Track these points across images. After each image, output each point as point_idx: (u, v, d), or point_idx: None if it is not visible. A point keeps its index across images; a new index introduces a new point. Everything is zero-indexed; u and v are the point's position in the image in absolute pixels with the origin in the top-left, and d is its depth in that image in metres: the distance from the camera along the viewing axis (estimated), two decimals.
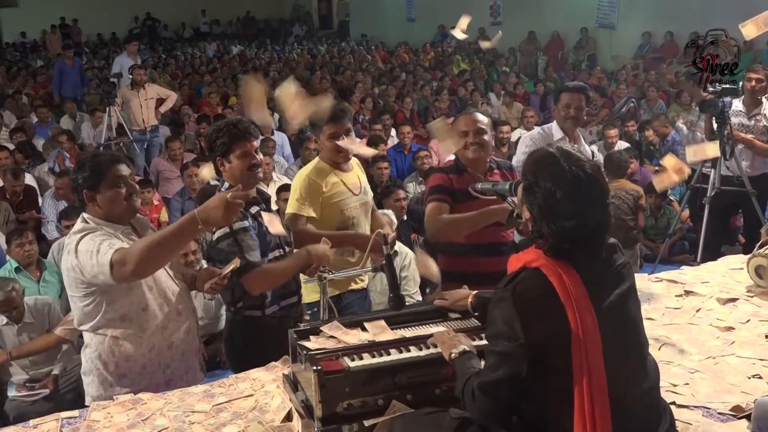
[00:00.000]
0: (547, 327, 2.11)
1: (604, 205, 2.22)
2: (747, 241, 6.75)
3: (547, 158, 2.23)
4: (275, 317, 3.56)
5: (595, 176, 2.19)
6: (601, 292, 2.18)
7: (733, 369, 3.06)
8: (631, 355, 2.25)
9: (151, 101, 10.46)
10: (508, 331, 2.13)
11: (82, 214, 3.21)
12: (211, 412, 2.86)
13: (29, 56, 22.41)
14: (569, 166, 2.17)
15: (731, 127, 5.96)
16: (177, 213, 7.74)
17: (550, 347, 2.12)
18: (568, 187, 2.15)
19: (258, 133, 3.57)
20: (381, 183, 7.76)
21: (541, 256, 2.19)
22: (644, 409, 2.24)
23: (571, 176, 2.16)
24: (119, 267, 2.89)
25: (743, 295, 3.82)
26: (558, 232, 2.17)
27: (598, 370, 2.10)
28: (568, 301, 2.10)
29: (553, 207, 2.17)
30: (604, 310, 2.16)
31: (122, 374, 3.20)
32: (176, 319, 3.31)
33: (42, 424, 2.85)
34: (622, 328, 2.24)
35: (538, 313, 2.12)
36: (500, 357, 2.16)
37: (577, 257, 2.18)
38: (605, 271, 2.24)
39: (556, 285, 2.12)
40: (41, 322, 5.06)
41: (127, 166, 3.27)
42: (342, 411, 2.49)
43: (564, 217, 2.15)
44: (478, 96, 13.18)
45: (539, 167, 2.23)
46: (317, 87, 14.89)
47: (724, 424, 2.68)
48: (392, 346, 2.66)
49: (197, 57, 21.32)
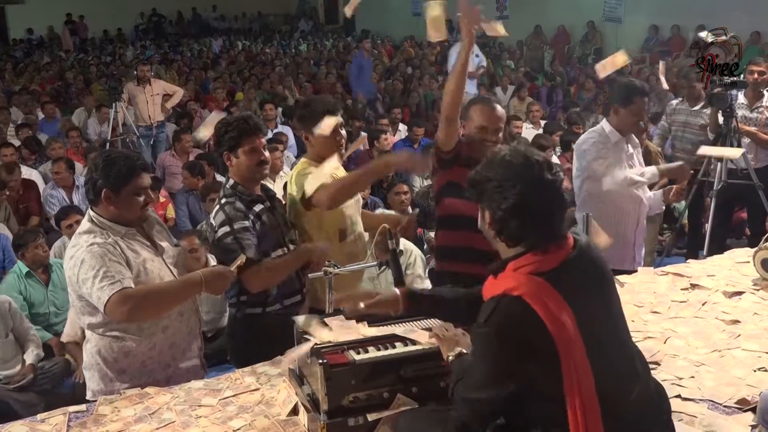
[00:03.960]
0: (536, 360, 2.07)
1: (546, 179, 2.17)
2: (752, 234, 6.74)
3: (485, 160, 2.27)
4: (278, 315, 3.54)
5: (520, 155, 2.19)
6: (583, 304, 2.13)
7: (739, 362, 3.06)
8: (619, 361, 2.21)
9: (157, 97, 10.47)
10: (494, 367, 2.11)
11: (89, 212, 3.19)
12: (218, 406, 2.88)
13: (36, 53, 22.46)
14: (504, 150, 2.23)
15: (737, 120, 5.95)
16: (183, 207, 7.75)
17: (539, 377, 2.08)
18: (504, 161, 2.18)
19: (267, 129, 3.55)
20: (386, 178, 7.75)
21: (520, 281, 2.11)
22: (638, 410, 2.20)
23: (508, 153, 2.21)
24: (116, 307, 2.93)
25: (749, 288, 3.82)
26: (507, 204, 2.13)
27: (588, 390, 2.06)
28: (556, 331, 2.04)
29: (498, 180, 2.16)
30: (588, 322, 2.11)
31: (122, 370, 3.20)
32: (178, 319, 3.30)
33: (50, 418, 2.86)
34: (608, 332, 2.21)
35: (526, 350, 2.07)
36: (485, 379, 2.13)
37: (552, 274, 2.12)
38: (586, 280, 2.19)
39: (542, 315, 2.05)
40: (4, 318, 5.05)
41: (148, 174, 3.28)
42: (348, 404, 2.50)
43: (509, 185, 2.13)
44: (484, 90, 13.15)
45: (478, 168, 2.26)
46: (323, 82, 14.92)
47: (730, 416, 2.68)
48: (397, 340, 2.66)
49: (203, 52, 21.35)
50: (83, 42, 24.89)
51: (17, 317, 5.14)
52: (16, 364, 5.07)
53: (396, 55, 19.78)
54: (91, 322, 3.17)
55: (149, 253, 3.23)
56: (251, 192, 3.57)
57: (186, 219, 7.66)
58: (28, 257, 5.69)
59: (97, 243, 3.04)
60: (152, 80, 10.66)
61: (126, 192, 3.13)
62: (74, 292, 3.13)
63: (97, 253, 3.01)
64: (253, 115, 3.59)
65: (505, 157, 2.19)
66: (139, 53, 21.02)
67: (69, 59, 20.54)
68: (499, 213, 2.16)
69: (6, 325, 5.05)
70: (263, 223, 3.52)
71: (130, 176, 3.13)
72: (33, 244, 5.69)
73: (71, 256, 3.09)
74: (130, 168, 3.15)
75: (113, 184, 3.11)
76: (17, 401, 4.79)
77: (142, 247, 3.21)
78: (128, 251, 3.12)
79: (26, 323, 5.23)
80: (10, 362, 5.06)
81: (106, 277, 2.96)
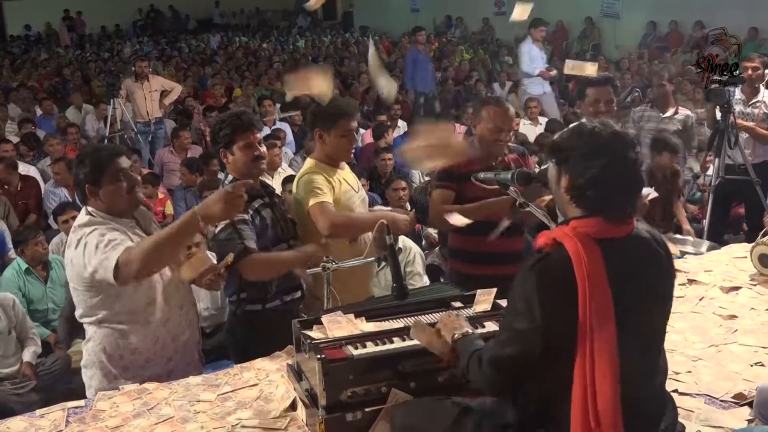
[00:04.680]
0: (566, 312, 2.09)
1: (631, 156, 2.20)
2: (749, 229, 6.76)
3: (570, 127, 2.33)
4: (277, 311, 3.55)
5: (609, 128, 2.22)
6: (629, 281, 2.15)
7: (736, 357, 3.07)
8: (649, 353, 2.25)
9: (156, 93, 10.45)
10: (527, 312, 2.12)
11: (86, 207, 3.19)
12: (216, 401, 2.88)
13: (33, 49, 22.43)
14: (591, 121, 2.25)
15: (735, 116, 5.96)
16: (181, 204, 7.74)
17: (562, 333, 2.11)
18: (593, 131, 2.19)
19: (261, 125, 3.55)
20: (385, 174, 7.76)
21: (567, 232, 2.16)
22: (652, 403, 2.24)
23: (596, 124, 2.22)
24: (125, 267, 2.87)
25: (746, 283, 3.82)
26: (590, 175, 2.15)
27: (606, 361, 2.07)
28: (582, 282, 2.08)
29: (584, 147, 2.18)
30: (630, 303, 2.13)
31: (126, 367, 3.21)
32: (179, 312, 3.33)
33: (49, 414, 2.87)
34: (647, 324, 2.23)
35: (560, 297, 2.10)
36: (515, 334, 2.15)
37: (607, 243, 2.14)
38: (638, 265, 2.20)
39: (575, 264, 2.09)
40: (8, 315, 5.07)
41: (127, 158, 3.26)
42: (346, 399, 2.51)
43: (594, 155, 2.15)
44: (482, 86, 13.16)
45: (563, 132, 2.30)
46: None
47: (726, 411, 2.69)
48: (395, 335, 2.67)
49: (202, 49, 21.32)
50: (81, 38, 24.85)
51: (20, 315, 5.16)
52: (16, 362, 5.07)
53: (394, 51, 19.75)
54: (97, 318, 3.16)
55: None
56: (250, 187, 3.57)
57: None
58: (28, 254, 5.69)
59: (97, 226, 3.06)
60: (150, 76, 10.62)
61: (106, 181, 3.12)
62: (80, 279, 3.08)
63: (96, 233, 3.01)
64: (247, 110, 3.59)
65: (595, 129, 2.21)
66: (137, 49, 20.99)
67: (67, 56, 20.52)
68: (580, 181, 2.17)
69: (9, 322, 5.07)
70: (262, 218, 3.52)
71: (106, 164, 3.12)
72: (33, 241, 5.69)
73: (74, 246, 3.08)
74: (104, 157, 3.15)
75: (92, 176, 3.12)
76: (18, 403, 4.76)
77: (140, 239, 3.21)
78: (129, 235, 3.11)
79: (28, 321, 5.24)
80: (9, 359, 5.06)
81: (108, 245, 2.94)
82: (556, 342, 2.11)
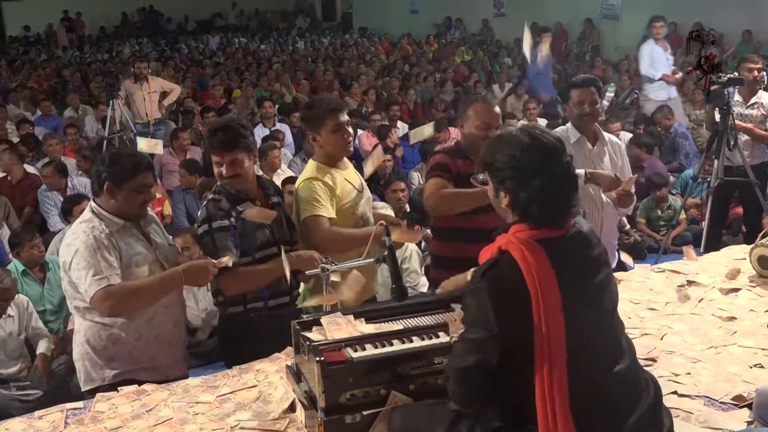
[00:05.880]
0: (520, 317, 2.12)
1: (565, 163, 2.25)
2: (748, 230, 6.76)
3: (496, 139, 2.38)
4: (261, 314, 3.55)
5: (545, 136, 2.26)
6: (573, 279, 2.19)
7: (735, 358, 3.07)
8: (603, 340, 2.26)
9: (155, 94, 10.45)
10: (482, 321, 2.15)
11: (91, 203, 3.37)
12: (215, 402, 2.88)
13: (32, 49, 22.41)
14: (519, 133, 2.29)
15: (734, 117, 5.96)
16: (180, 205, 7.74)
17: (520, 338, 2.13)
18: (524, 146, 2.23)
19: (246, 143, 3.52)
20: (384, 175, 7.76)
21: (511, 239, 2.20)
22: (621, 389, 2.24)
23: (524, 137, 2.25)
24: (100, 302, 3.15)
25: (746, 285, 3.82)
26: (531, 192, 2.20)
27: (559, 357, 2.12)
28: (531, 280, 2.12)
29: (520, 168, 2.21)
30: (575, 297, 2.17)
31: (111, 357, 3.32)
32: (164, 312, 3.41)
33: (47, 415, 2.87)
34: (596, 314, 2.25)
35: (512, 303, 2.14)
36: (472, 344, 2.18)
37: (549, 243, 2.19)
38: (580, 259, 2.26)
39: (522, 267, 2.13)
40: (21, 315, 5.09)
41: (150, 175, 3.42)
42: (345, 401, 2.51)
43: (532, 173, 2.19)
44: (481, 87, 13.16)
45: (493, 149, 2.32)
46: (321, 79, 14.90)
47: (726, 413, 2.69)
48: (395, 337, 2.67)
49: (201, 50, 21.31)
50: (80, 39, 24.84)
51: (32, 318, 5.20)
52: (18, 363, 5.08)
53: (393, 53, 19.76)
54: (78, 306, 3.29)
55: (142, 248, 3.37)
56: (240, 190, 3.57)
57: (183, 217, 7.65)
58: (24, 256, 5.74)
59: (94, 236, 3.21)
60: (149, 77, 10.63)
61: (127, 188, 3.30)
62: (66, 275, 3.27)
63: (92, 245, 3.18)
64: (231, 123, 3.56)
65: (526, 144, 2.23)
66: (136, 50, 20.98)
67: (66, 57, 20.50)
68: (522, 198, 2.22)
69: (21, 324, 5.11)
70: (245, 222, 3.50)
71: (133, 173, 3.30)
72: (29, 244, 5.75)
73: (68, 243, 3.27)
74: (135, 165, 3.33)
75: (116, 178, 3.29)
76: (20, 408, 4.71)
77: (136, 241, 3.36)
78: (121, 243, 3.28)
79: (40, 324, 5.29)
80: (14, 360, 5.07)
81: (94, 272, 3.14)
82: (515, 346, 2.14)
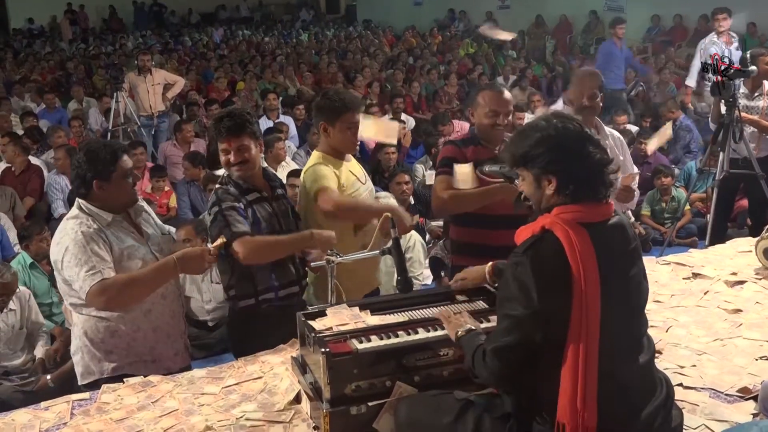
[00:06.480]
0: (560, 295, 2.11)
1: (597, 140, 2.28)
2: (753, 223, 6.75)
3: (522, 131, 2.34)
4: (273, 305, 3.54)
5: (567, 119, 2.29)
6: (611, 267, 2.18)
7: (741, 351, 3.07)
8: (630, 332, 2.26)
9: (159, 87, 10.44)
10: (523, 297, 2.13)
11: (78, 201, 3.28)
12: (221, 394, 2.89)
13: (36, 42, 22.42)
14: (544, 121, 2.29)
15: (740, 110, 5.94)
16: (184, 198, 7.75)
17: (555, 316, 2.12)
18: (559, 129, 2.24)
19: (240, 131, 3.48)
20: (388, 168, 7.76)
21: (555, 220, 2.18)
22: (639, 382, 2.24)
23: (552, 122, 2.26)
24: (95, 297, 3.08)
25: (751, 277, 3.82)
26: (580, 170, 2.21)
27: (593, 338, 2.11)
28: (574, 261, 2.11)
29: (565, 148, 2.22)
30: (611, 284, 2.16)
31: (109, 350, 3.29)
32: (161, 303, 3.37)
33: (53, 406, 2.87)
34: (626, 306, 2.24)
35: (553, 280, 2.12)
36: (513, 321, 2.16)
37: (593, 227, 2.18)
38: (619, 250, 2.25)
39: (566, 247, 2.12)
40: (23, 309, 5.09)
41: (128, 156, 3.37)
42: (350, 393, 2.51)
43: (577, 151, 2.21)
44: (486, 80, 13.13)
45: (522, 140, 2.30)
46: (325, 72, 14.89)
47: (731, 405, 2.69)
48: (400, 328, 2.67)
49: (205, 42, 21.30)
50: (84, 32, 24.83)
51: (33, 311, 5.20)
52: (20, 356, 5.08)
53: (397, 45, 19.72)
54: (75, 302, 3.25)
55: (134, 240, 3.31)
56: (245, 181, 3.56)
57: (187, 209, 7.66)
58: (32, 249, 5.81)
59: (82, 231, 3.15)
60: (153, 70, 10.61)
61: (116, 177, 3.24)
62: (59, 274, 3.23)
63: (81, 242, 3.13)
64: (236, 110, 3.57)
65: (553, 128, 2.24)
66: (140, 43, 20.97)
67: (70, 49, 20.50)
68: (571, 177, 2.22)
69: (23, 317, 5.10)
70: (254, 211, 3.50)
71: (115, 160, 3.24)
72: (38, 237, 5.84)
73: (57, 241, 3.22)
74: (113, 153, 3.26)
75: (102, 172, 3.22)
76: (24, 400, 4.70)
77: (127, 234, 3.30)
78: (112, 237, 3.23)
79: (40, 318, 5.28)
80: (16, 353, 5.07)
81: (87, 267, 3.09)
82: (549, 325, 2.13)
